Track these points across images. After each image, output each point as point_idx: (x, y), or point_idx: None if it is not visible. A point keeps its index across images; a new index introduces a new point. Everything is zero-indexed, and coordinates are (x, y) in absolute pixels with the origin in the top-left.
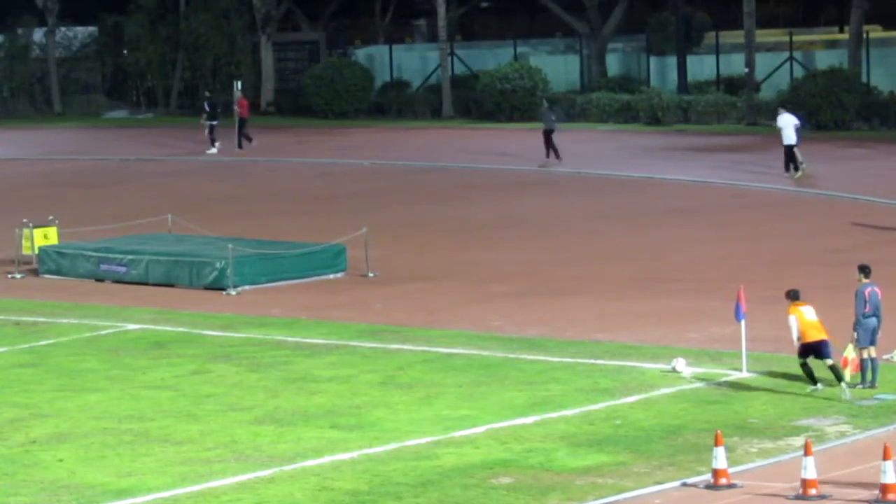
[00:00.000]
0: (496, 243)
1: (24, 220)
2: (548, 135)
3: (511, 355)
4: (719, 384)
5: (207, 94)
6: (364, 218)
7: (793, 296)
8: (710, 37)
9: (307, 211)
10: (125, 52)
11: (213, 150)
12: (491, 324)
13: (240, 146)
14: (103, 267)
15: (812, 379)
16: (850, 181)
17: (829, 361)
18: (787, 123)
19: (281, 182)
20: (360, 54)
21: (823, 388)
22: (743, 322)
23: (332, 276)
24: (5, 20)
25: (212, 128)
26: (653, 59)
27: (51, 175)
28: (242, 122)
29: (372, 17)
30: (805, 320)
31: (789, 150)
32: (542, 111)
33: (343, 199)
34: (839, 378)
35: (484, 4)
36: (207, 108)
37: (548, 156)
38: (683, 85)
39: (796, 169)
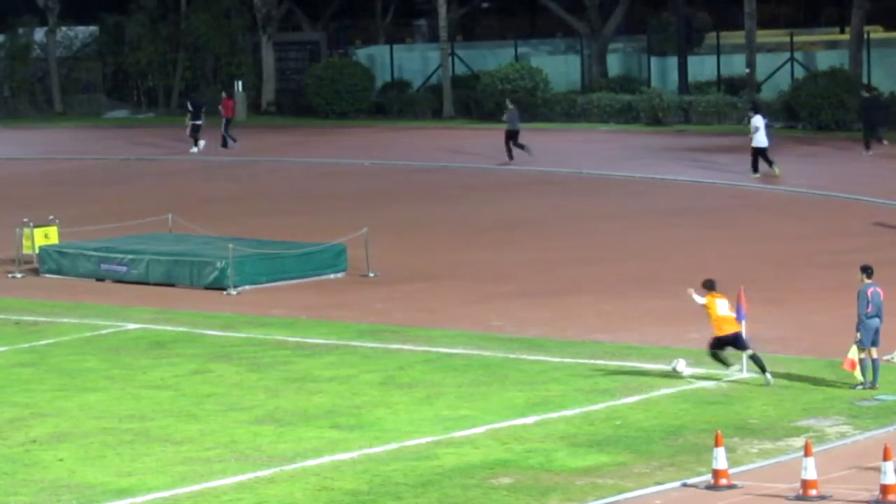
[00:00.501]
0: (496, 243)
1: (25, 220)
2: (511, 135)
3: (511, 355)
4: (719, 385)
5: (193, 94)
6: (364, 218)
7: (709, 286)
8: (710, 37)
9: (307, 211)
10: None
11: (195, 150)
12: (491, 324)
13: (224, 145)
14: (104, 266)
15: (725, 364)
16: (850, 182)
17: (750, 351)
18: (761, 125)
19: (281, 182)
20: (361, 54)
21: (740, 369)
22: (743, 323)
23: (332, 276)
24: (6, 20)
25: (195, 127)
26: (653, 60)
27: (52, 174)
28: (227, 123)
29: (373, 18)
30: (718, 315)
31: (762, 151)
32: (509, 112)
33: (344, 198)
34: (762, 368)
35: (485, 5)
36: (191, 108)
37: (511, 157)
38: (684, 85)
39: (756, 170)
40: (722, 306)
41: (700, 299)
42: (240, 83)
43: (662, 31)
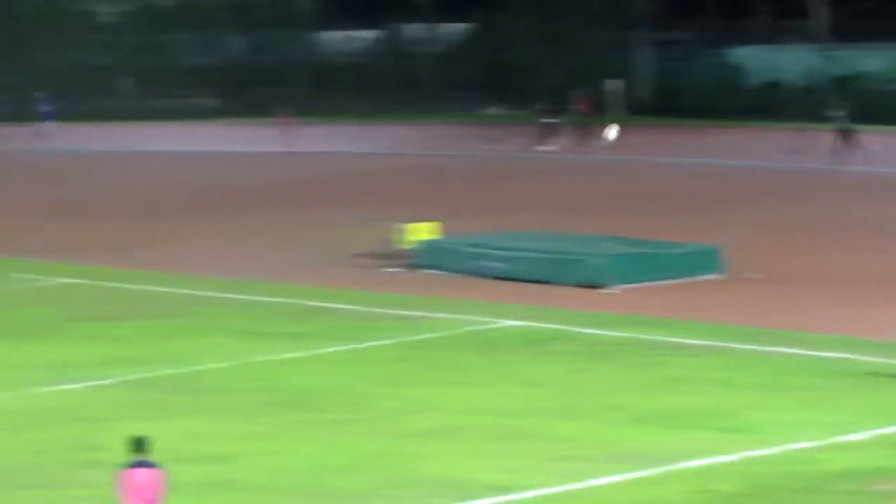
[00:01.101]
0: (884, 246)
1: (405, 215)
2: (843, 133)
3: (893, 361)
4: None
5: (550, 92)
6: (742, 218)
7: None
8: None
9: (683, 210)
10: (501, 49)
11: (547, 148)
12: (874, 329)
13: (584, 144)
14: (481, 262)
15: None
16: None
17: None
18: None
19: (659, 181)
20: (737, 54)
21: None
22: None
23: (710, 277)
24: (384, 16)
25: (550, 125)
26: None
27: (425, 170)
28: (583, 121)
29: (754, 18)
30: None
31: None
32: (835, 114)
33: (721, 199)
34: None
35: (864, 6)
36: (546, 106)
37: (843, 154)
38: None
39: None
40: None
41: None
42: (616, 82)
43: None
